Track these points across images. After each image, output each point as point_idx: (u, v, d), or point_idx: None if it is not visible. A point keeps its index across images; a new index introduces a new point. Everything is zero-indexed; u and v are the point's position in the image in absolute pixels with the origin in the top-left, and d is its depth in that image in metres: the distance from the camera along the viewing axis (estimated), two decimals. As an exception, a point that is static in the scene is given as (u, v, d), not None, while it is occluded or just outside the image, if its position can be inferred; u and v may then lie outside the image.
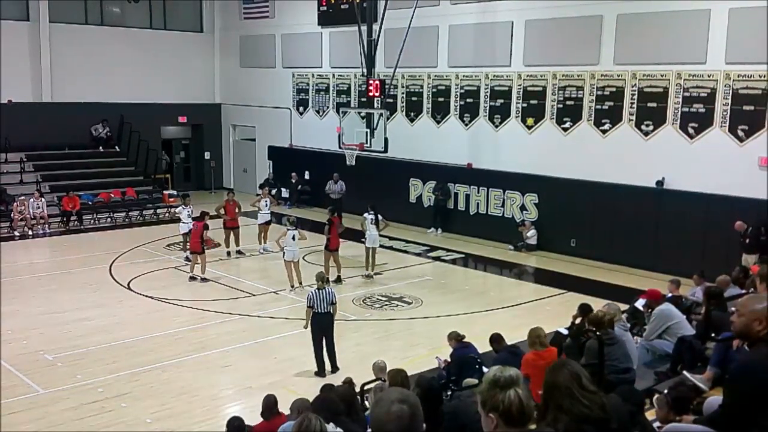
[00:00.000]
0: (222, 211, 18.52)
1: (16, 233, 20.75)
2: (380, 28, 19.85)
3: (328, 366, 11.09)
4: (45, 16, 24.63)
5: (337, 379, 9.54)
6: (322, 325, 11.09)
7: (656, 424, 5.28)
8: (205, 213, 17.13)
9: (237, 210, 18.54)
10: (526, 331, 8.26)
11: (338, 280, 15.90)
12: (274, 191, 24.36)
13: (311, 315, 11.10)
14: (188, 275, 16.37)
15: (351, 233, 17.81)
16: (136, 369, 11.18)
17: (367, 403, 7.95)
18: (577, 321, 9.19)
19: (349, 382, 8.42)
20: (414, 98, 22.32)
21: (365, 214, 16.90)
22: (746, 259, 14.25)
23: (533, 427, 2.85)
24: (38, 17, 24.57)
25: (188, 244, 16.99)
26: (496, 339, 9.52)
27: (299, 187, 25.40)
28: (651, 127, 17.16)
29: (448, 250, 19.41)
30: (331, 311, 11.20)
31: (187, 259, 17.24)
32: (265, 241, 18.87)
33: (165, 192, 24.80)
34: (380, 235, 18.05)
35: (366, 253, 16.72)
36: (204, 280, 16.15)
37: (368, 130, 19.13)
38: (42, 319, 13.46)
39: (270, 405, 7.54)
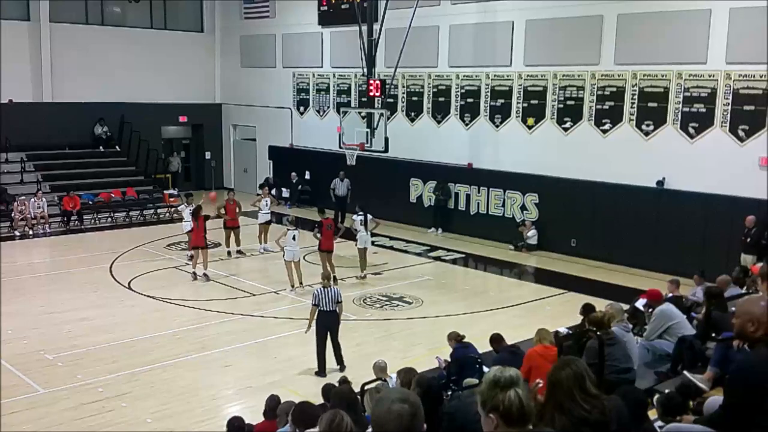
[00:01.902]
0: (222, 211, 18.53)
1: (17, 233, 20.75)
2: (381, 27, 19.86)
3: (329, 366, 11.07)
4: (45, 16, 24.63)
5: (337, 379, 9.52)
6: (327, 324, 11.07)
7: (657, 424, 5.28)
8: (200, 207, 17.01)
9: (237, 210, 18.56)
10: (527, 331, 8.27)
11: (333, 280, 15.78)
12: (273, 191, 24.41)
13: (316, 313, 11.10)
14: (190, 272, 16.38)
15: (350, 233, 17.79)
16: (136, 369, 11.17)
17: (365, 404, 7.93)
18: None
19: (345, 381, 8.40)
20: (414, 98, 22.33)
21: (354, 216, 16.91)
22: (744, 259, 14.28)
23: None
24: (38, 17, 24.57)
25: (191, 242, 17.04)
26: (496, 339, 9.51)
27: (300, 187, 25.41)
28: (651, 127, 17.16)
29: (449, 250, 19.40)
30: (337, 310, 11.19)
31: (190, 258, 17.25)
32: (265, 241, 18.88)
33: (165, 192, 24.81)
34: (380, 235, 18.07)
35: (359, 254, 16.71)
36: (205, 276, 16.17)
37: (369, 130, 19.15)
38: (42, 319, 13.46)
39: (273, 405, 7.56)
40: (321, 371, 10.96)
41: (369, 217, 16.75)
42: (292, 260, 15.35)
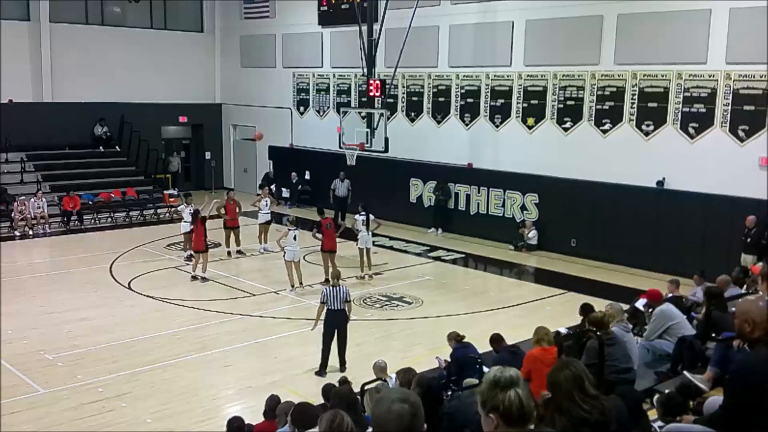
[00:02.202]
0: (222, 211, 18.54)
1: (17, 233, 20.74)
2: (381, 27, 19.86)
3: (329, 365, 11.05)
4: (45, 16, 24.63)
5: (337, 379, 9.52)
6: (335, 323, 11.06)
7: (657, 424, 5.28)
8: (198, 211, 17.08)
9: (237, 210, 18.56)
10: (527, 331, 8.26)
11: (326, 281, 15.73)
12: (273, 186, 24.44)
13: (324, 311, 11.08)
14: (190, 275, 16.38)
15: (351, 233, 17.80)
16: (136, 369, 11.17)
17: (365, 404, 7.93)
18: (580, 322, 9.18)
19: (345, 381, 8.40)
20: (414, 98, 22.32)
21: (356, 216, 16.90)
22: (744, 259, 14.28)
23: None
24: (38, 17, 24.57)
25: (190, 243, 17.06)
26: (496, 339, 9.51)
27: (299, 187, 25.41)
28: (651, 127, 17.16)
29: (449, 250, 19.40)
30: (346, 309, 11.19)
31: (188, 258, 17.28)
32: (265, 241, 18.87)
33: (165, 192, 24.81)
34: (380, 235, 17.97)
35: (360, 254, 16.70)
36: (204, 279, 16.16)
37: (369, 130, 19.14)
38: (42, 319, 13.46)
39: (273, 405, 7.55)
40: (322, 371, 10.94)
41: (371, 217, 16.75)
42: (292, 260, 15.35)
